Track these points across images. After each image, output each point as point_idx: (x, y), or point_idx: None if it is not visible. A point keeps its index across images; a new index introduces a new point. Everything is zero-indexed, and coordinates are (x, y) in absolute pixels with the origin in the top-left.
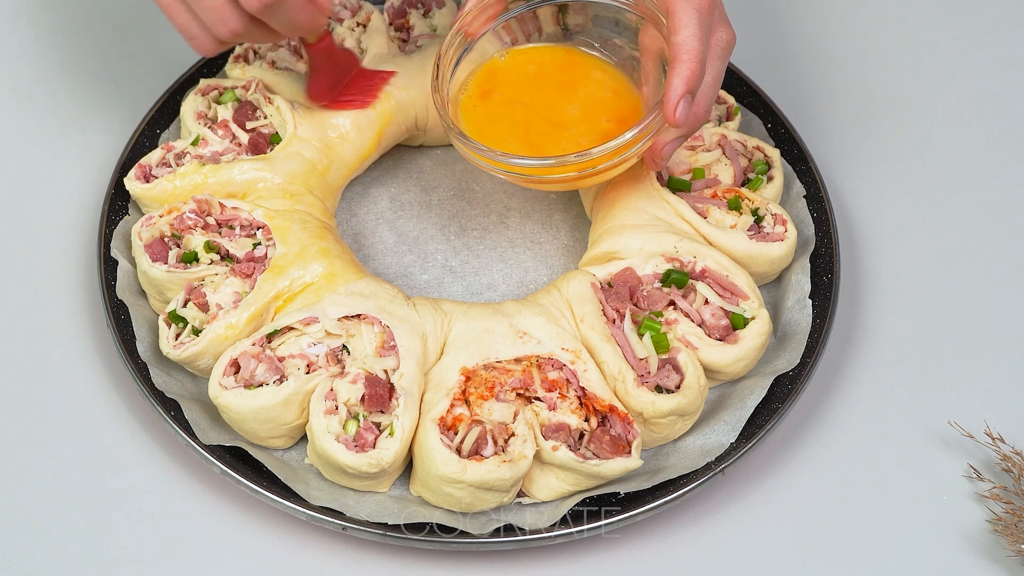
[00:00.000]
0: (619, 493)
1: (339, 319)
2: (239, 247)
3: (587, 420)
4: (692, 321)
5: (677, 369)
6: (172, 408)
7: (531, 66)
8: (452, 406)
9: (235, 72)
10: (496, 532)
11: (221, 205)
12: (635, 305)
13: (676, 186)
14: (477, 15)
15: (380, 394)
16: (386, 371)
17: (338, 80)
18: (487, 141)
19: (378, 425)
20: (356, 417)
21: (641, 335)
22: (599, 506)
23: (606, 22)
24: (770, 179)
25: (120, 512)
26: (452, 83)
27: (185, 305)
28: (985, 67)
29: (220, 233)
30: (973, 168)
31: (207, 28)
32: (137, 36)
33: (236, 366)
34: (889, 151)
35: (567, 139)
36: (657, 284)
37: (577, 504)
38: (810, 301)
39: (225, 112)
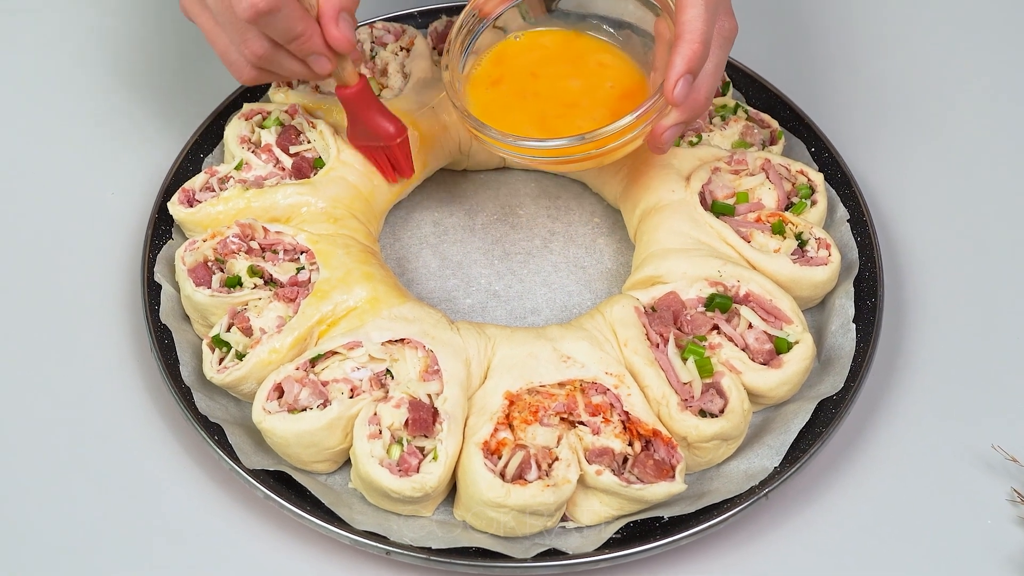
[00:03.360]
0: (663, 517)
1: (383, 343)
2: (283, 271)
3: (631, 444)
4: (736, 345)
5: (721, 393)
6: (216, 433)
7: (542, 49)
8: (496, 430)
9: (278, 96)
10: (540, 556)
11: (265, 229)
12: (679, 329)
13: (720, 210)
14: None
15: (424, 418)
16: (430, 395)
17: (372, 132)
18: (501, 125)
19: (422, 449)
20: (400, 441)
21: (685, 359)
22: (643, 530)
23: (619, 7)
24: (814, 203)
25: (163, 537)
26: (465, 63)
27: (229, 330)
28: None
29: (264, 257)
30: (1021, 193)
31: (241, 53)
32: (181, 62)
33: (280, 391)
34: (934, 175)
35: (582, 119)
36: (701, 308)
37: (621, 528)
38: (854, 325)
39: (269, 136)
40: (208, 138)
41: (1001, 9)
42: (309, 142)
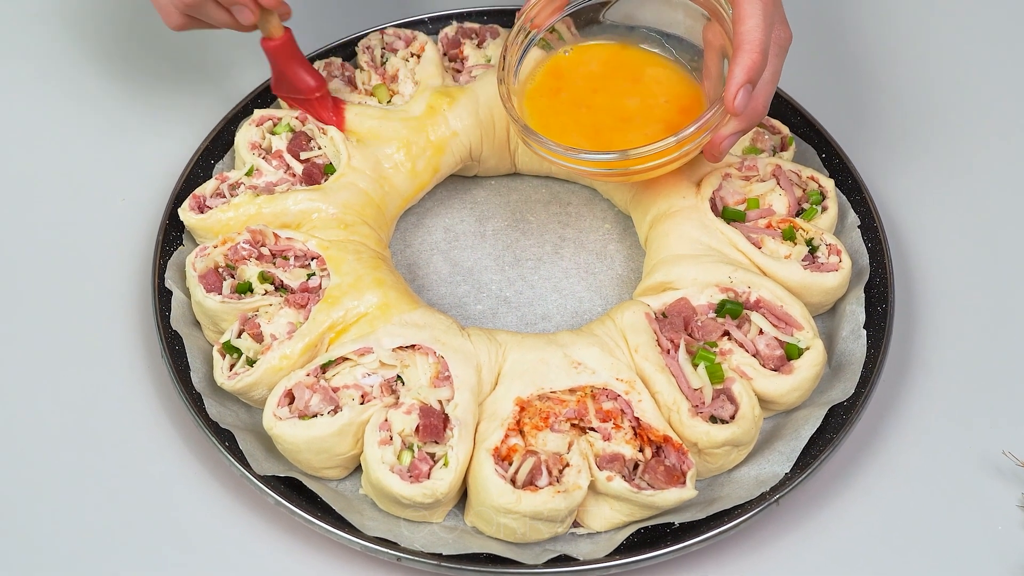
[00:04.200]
0: (674, 523)
1: (393, 349)
2: (293, 277)
3: (642, 450)
4: (746, 351)
5: (732, 399)
6: (227, 439)
7: (594, 63)
8: (507, 436)
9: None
10: (551, 562)
11: (275, 235)
12: (689, 335)
13: (730, 216)
14: (543, 8)
15: (435, 424)
16: (440, 401)
17: (294, 85)
18: (557, 139)
19: (432, 456)
20: (411, 447)
21: (696, 365)
22: (654, 536)
23: (668, 18)
24: (824, 209)
25: (174, 543)
26: (518, 75)
27: (239, 336)
28: None
29: (274, 263)
30: None
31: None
32: (192, 68)
33: (290, 396)
34: (944, 181)
35: (636, 133)
36: (711, 314)
37: (632, 534)
38: (864, 331)
39: (279, 142)
40: (219, 144)
41: (1013, 16)
42: (320, 148)
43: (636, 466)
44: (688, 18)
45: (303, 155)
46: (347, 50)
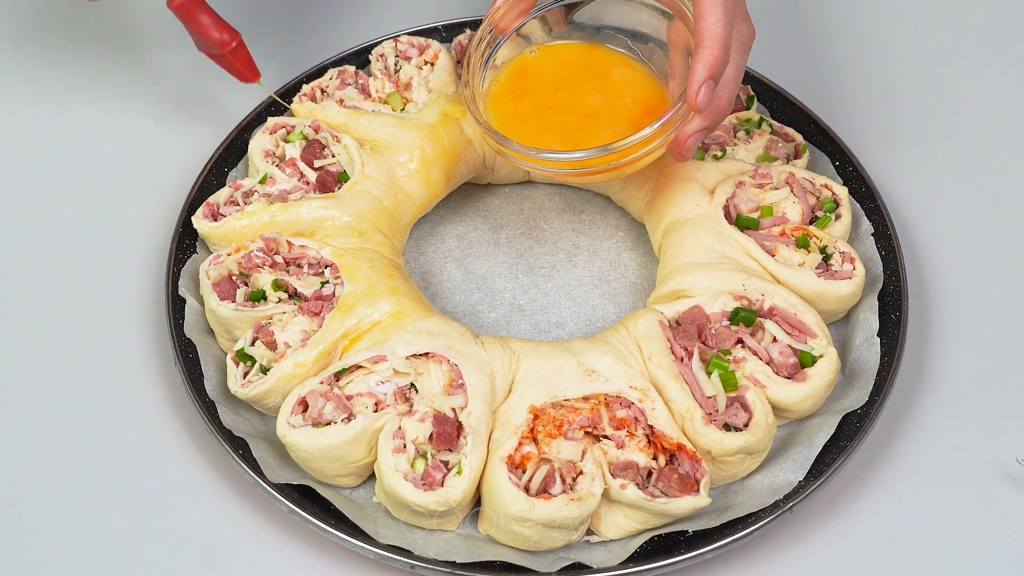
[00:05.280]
0: (687, 531)
1: (407, 357)
2: (307, 285)
3: (655, 458)
4: (760, 359)
5: (745, 407)
6: (240, 447)
7: (561, 64)
8: (520, 444)
9: (302, 110)
10: (564, 570)
11: (289, 243)
12: (703, 343)
13: (744, 224)
14: (507, 11)
15: (448, 432)
16: (454, 409)
17: (208, 42)
18: (524, 139)
19: (446, 463)
20: (424, 455)
21: (709, 373)
22: (667, 544)
23: (633, 18)
24: (838, 217)
25: (188, 551)
26: (484, 78)
27: (253, 343)
28: None
29: (288, 271)
30: None
31: None
32: (205, 76)
33: (304, 404)
34: (958, 189)
35: (604, 131)
36: (725, 322)
37: (645, 542)
38: (878, 339)
39: (293, 150)
40: (232, 152)
41: None
42: (333, 156)
43: (650, 474)
44: (652, 18)
45: (317, 163)
46: (360, 58)
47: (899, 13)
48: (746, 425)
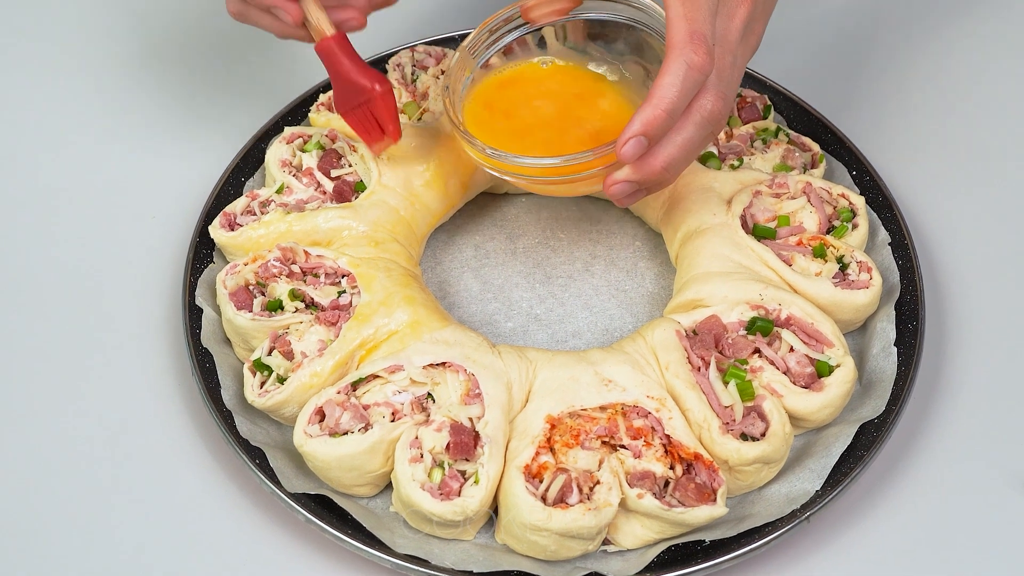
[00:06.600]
0: (704, 541)
1: (424, 367)
2: (324, 295)
3: (672, 468)
4: (777, 369)
5: (762, 417)
6: (257, 456)
7: (543, 82)
8: (537, 454)
9: (319, 120)
10: None
11: (306, 253)
12: (720, 353)
13: (761, 234)
14: (540, 6)
15: (465, 442)
16: (471, 419)
17: (354, 87)
18: (488, 141)
19: (463, 473)
20: (441, 465)
21: (726, 383)
22: (684, 554)
23: (623, 42)
24: (855, 227)
25: (205, 560)
26: (464, 95)
27: (270, 353)
28: None
29: (305, 281)
30: None
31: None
32: (221, 84)
33: (321, 414)
34: (975, 197)
35: (573, 146)
36: (742, 332)
37: (662, 552)
38: (895, 348)
39: (310, 160)
40: (249, 162)
41: None
42: (350, 165)
43: (667, 483)
44: (638, 46)
45: (333, 172)
46: (378, 67)
47: (915, 25)
48: (763, 435)
